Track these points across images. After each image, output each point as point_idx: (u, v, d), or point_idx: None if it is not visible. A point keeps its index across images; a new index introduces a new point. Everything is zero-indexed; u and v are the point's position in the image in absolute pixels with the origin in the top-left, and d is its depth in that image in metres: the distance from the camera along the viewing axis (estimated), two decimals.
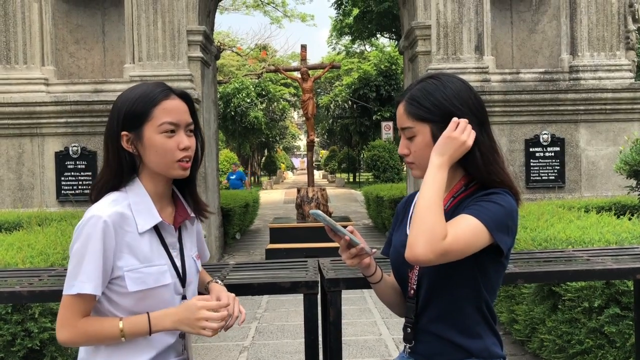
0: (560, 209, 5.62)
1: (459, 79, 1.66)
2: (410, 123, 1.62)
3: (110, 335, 1.58)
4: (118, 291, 1.60)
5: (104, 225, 1.56)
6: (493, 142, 1.65)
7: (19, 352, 3.09)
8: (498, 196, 1.55)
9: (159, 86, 1.66)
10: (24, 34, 7.97)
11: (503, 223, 1.52)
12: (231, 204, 10.61)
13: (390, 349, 4.70)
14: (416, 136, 1.62)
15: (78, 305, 1.56)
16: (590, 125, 8.27)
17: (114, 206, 1.60)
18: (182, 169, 1.65)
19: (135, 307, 1.61)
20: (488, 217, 1.50)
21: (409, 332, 1.66)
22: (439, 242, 1.43)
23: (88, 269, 1.54)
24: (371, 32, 25.92)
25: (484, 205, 1.52)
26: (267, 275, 2.30)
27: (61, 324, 1.57)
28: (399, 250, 1.69)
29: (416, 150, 1.63)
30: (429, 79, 1.65)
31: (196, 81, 8.27)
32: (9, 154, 8.02)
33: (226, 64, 30.58)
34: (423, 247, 1.43)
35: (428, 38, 8.25)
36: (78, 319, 1.57)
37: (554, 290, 3.68)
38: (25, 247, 3.92)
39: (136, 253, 1.60)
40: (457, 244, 1.45)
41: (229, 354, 4.62)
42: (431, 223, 1.45)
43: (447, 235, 1.45)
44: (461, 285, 1.57)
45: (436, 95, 1.60)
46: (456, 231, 1.46)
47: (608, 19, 8.18)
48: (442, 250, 1.43)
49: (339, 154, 41.18)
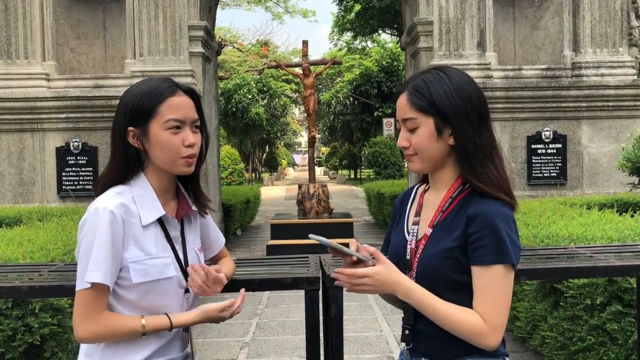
0: (562, 206, 5.60)
1: (464, 73, 1.63)
2: (413, 114, 1.59)
3: (132, 330, 1.58)
4: (121, 284, 1.60)
5: (110, 216, 1.56)
6: (493, 141, 1.61)
7: (19, 347, 3.09)
8: (494, 221, 1.50)
9: (165, 82, 1.66)
10: (25, 29, 7.95)
11: (514, 245, 1.51)
12: (232, 200, 10.61)
13: (391, 345, 4.70)
14: (419, 128, 1.59)
15: (93, 299, 1.55)
16: (593, 122, 8.25)
17: (119, 198, 1.60)
18: (187, 166, 1.66)
19: (139, 301, 1.61)
20: (503, 255, 1.49)
21: (407, 333, 1.65)
22: (484, 329, 1.48)
23: (97, 259, 1.54)
24: (373, 28, 25.88)
25: (490, 244, 1.49)
26: (268, 271, 2.29)
27: (80, 319, 1.55)
28: (397, 252, 1.68)
29: (418, 142, 1.60)
30: (434, 70, 1.62)
31: (197, 77, 8.25)
32: (10, 149, 8.01)
33: (227, 59, 30.52)
34: (484, 343, 1.49)
35: (430, 34, 8.22)
36: (97, 313, 1.56)
37: (555, 288, 3.67)
38: (25, 243, 3.92)
39: (141, 245, 1.60)
40: (500, 314, 1.50)
41: (229, 349, 4.62)
42: (462, 331, 1.49)
43: (486, 316, 1.48)
44: (460, 291, 1.55)
45: (439, 89, 1.57)
46: (490, 304, 1.49)
47: (611, 15, 8.15)
48: (495, 332, 1.49)
49: (340, 151, 41.16)
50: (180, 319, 1.64)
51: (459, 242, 1.53)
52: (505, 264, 1.49)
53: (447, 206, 1.60)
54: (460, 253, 1.53)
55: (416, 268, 1.60)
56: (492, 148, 1.60)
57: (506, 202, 1.55)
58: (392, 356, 4.41)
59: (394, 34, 26.86)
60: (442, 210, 1.60)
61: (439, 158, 1.61)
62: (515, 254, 1.51)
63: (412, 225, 1.67)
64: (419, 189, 1.75)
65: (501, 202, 1.54)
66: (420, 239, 1.62)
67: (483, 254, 1.49)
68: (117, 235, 1.56)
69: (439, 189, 1.66)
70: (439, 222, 1.60)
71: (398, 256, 1.67)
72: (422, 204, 1.69)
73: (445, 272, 1.54)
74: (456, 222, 1.55)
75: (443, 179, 1.64)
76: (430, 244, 1.59)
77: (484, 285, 1.49)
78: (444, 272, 1.54)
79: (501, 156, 1.62)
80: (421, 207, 1.69)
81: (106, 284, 1.55)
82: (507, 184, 1.58)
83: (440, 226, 1.59)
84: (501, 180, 1.57)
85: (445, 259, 1.54)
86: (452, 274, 1.54)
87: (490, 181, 1.55)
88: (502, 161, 1.61)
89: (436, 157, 1.60)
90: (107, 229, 1.55)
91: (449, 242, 1.55)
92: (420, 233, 1.64)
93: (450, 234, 1.55)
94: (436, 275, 1.55)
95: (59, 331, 3.27)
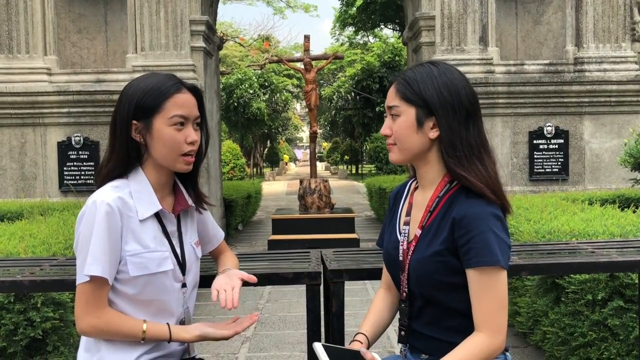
0: (564, 202, 5.59)
1: (457, 70, 1.63)
2: (397, 102, 1.60)
3: (132, 333, 1.59)
4: (119, 278, 1.61)
5: (107, 208, 1.56)
6: (483, 141, 1.59)
7: (21, 342, 3.09)
8: (480, 222, 1.49)
9: (171, 79, 1.68)
10: (26, 23, 7.94)
11: (501, 244, 1.50)
12: (234, 195, 10.61)
13: (392, 340, 4.70)
14: (400, 116, 1.59)
15: (92, 292, 1.56)
16: (595, 117, 8.23)
17: (117, 192, 1.61)
18: (186, 164, 1.67)
19: (138, 295, 1.61)
20: (490, 257, 1.48)
21: (403, 334, 1.66)
22: (488, 343, 1.49)
23: (94, 252, 1.54)
24: (375, 23, 25.79)
25: (476, 247, 1.48)
26: (269, 266, 2.29)
27: (82, 313, 1.56)
28: (390, 253, 1.69)
29: (397, 130, 1.60)
30: (427, 64, 1.63)
31: (199, 71, 8.24)
32: (12, 143, 8.02)
33: (229, 54, 30.50)
34: (495, 351, 1.50)
35: (432, 29, 8.19)
36: (98, 307, 1.56)
37: (557, 283, 3.67)
38: (27, 237, 3.92)
39: (139, 238, 1.61)
40: (498, 316, 1.49)
41: (230, 344, 4.63)
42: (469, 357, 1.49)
43: (485, 321, 1.49)
44: (452, 292, 1.56)
45: (427, 81, 1.57)
46: (487, 308, 1.49)
47: (614, 10, 8.11)
48: (498, 334, 1.49)
49: (342, 146, 41.13)
50: (180, 335, 1.65)
51: (447, 245, 1.53)
52: (494, 266, 1.48)
53: (435, 206, 1.59)
54: (450, 255, 1.53)
55: (407, 270, 1.61)
56: (481, 147, 1.58)
57: (492, 200, 1.52)
58: (393, 351, 4.41)
59: (396, 29, 26.77)
60: (430, 210, 1.60)
61: (417, 151, 1.59)
62: (505, 253, 1.50)
63: (404, 226, 1.67)
64: (412, 185, 1.75)
65: (486, 200, 1.52)
66: (411, 241, 1.62)
67: (471, 257, 1.49)
68: (115, 228, 1.57)
69: (425, 187, 1.64)
70: (428, 224, 1.59)
71: (391, 257, 1.68)
72: (412, 203, 1.69)
73: (436, 275, 1.54)
74: (444, 224, 1.55)
75: (428, 176, 1.63)
76: (419, 246, 1.59)
77: (478, 289, 1.49)
78: (435, 275, 1.54)
79: (492, 158, 1.60)
80: (411, 207, 1.68)
81: (105, 277, 1.55)
82: (496, 184, 1.55)
83: (429, 228, 1.59)
84: (489, 179, 1.54)
85: (435, 262, 1.54)
86: (443, 276, 1.54)
87: (476, 178, 1.53)
88: (493, 163, 1.59)
89: (414, 149, 1.59)
90: (104, 221, 1.55)
91: (437, 245, 1.54)
92: (410, 234, 1.64)
93: (439, 236, 1.55)
94: (427, 278, 1.56)
95: (61, 325, 3.27)
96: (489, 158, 1.59)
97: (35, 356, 3.21)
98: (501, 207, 1.55)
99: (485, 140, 1.61)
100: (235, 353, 4.46)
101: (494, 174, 1.57)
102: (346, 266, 2.15)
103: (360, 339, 1.67)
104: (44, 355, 3.23)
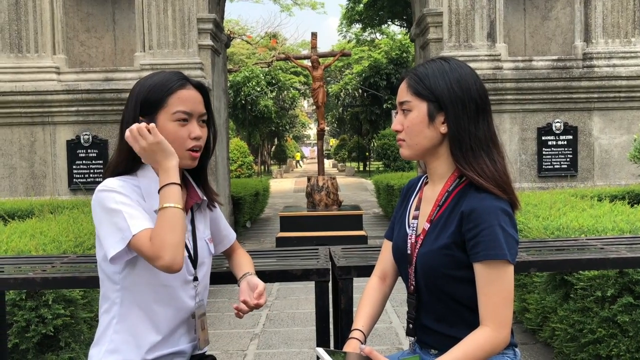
0: (572, 198, 5.57)
1: (467, 66, 1.64)
2: (409, 97, 1.61)
3: (174, 215, 1.54)
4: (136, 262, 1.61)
5: (120, 182, 1.61)
6: (492, 136, 1.60)
7: (33, 338, 3.12)
8: (488, 216, 1.49)
9: (176, 75, 1.69)
10: (35, 23, 7.99)
11: (509, 239, 1.50)
12: (241, 192, 10.64)
13: (400, 337, 4.71)
14: (412, 111, 1.61)
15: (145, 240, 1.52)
16: (604, 113, 8.18)
17: (124, 180, 1.65)
18: (191, 159, 1.68)
19: (145, 284, 1.62)
20: (497, 251, 1.48)
21: (411, 327, 1.67)
22: (493, 337, 1.49)
23: (129, 212, 1.54)
24: (382, 19, 25.72)
25: (484, 240, 1.48)
26: (278, 263, 2.30)
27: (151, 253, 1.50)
28: (399, 245, 1.70)
29: (409, 126, 1.61)
30: (439, 59, 1.64)
31: (206, 69, 8.26)
32: (22, 142, 8.08)
33: (236, 52, 30.53)
34: (500, 345, 1.51)
35: (440, 25, 8.17)
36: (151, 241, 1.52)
37: (566, 279, 3.66)
38: (38, 235, 3.95)
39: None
40: (503, 310, 1.49)
41: (240, 340, 4.65)
42: (484, 355, 1.49)
43: (491, 315, 1.49)
44: (459, 285, 1.56)
45: (439, 76, 1.58)
46: (493, 302, 1.49)
47: (623, 5, 8.05)
48: (502, 328, 1.49)
49: (349, 143, 41.10)
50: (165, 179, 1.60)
51: (454, 239, 1.53)
52: (501, 260, 1.48)
53: (444, 201, 1.60)
54: (457, 249, 1.53)
55: (415, 263, 1.61)
56: (490, 142, 1.59)
57: (499, 195, 1.53)
58: (402, 348, 4.41)
59: (403, 26, 26.69)
60: (439, 205, 1.61)
61: (428, 146, 1.61)
62: (512, 248, 1.50)
63: (412, 220, 1.68)
64: (424, 181, 1.76)
65: (494, 195, 1.52)
66: (420, 234, 1.63)
67: (479, 251, 1.49)
68: (133, 192, 1.61)
69: (435, 182, 1.66)
70: (436, 218, 1.60)
71: (400, 250, 1.69)
72: (422, 197, 1.70)
73: (443, 268, 1.55)
74: (452, 218, 1.56)
75: (438, 171, 1.64)
76: (427, 240, 1.60)
77: (484, 283, 1.50)
78: (442, 268, 1.55)
79: (502, 153, 1.61)
80: (421, 201, 1.69)
81: (152, 227, 1.55)
82: (505, 179, 1.56)
83: (437, 222, 1.59)
84: (497, 174, 1.55)
85: (442, 255, 1.55)
86: (450, 270, 1.55)
87: (484, 173, 1.54)
88: (502, 158, 1.60)
89: (425, 144, 1.60)
90: (120, 192, 1.58)
91: (445, 238, 1.55)
92: (419, 228, 1.65)
93: (447, 230, 1.56)
94: (434, 271, 1.56)
95: (72, 322, 3.30)
96: (499, 153, 1.60)
97: (47, 352, 3.24)
98: (509, 202, 1.55)
99: (495, 135, 1.62)
100: (244, 350, 4.48)
101: (502, 168, 1.57)
102: (355, 263, 2.16)
103: (357, 336, 1.67)
104: (56, 352, 3.26)
